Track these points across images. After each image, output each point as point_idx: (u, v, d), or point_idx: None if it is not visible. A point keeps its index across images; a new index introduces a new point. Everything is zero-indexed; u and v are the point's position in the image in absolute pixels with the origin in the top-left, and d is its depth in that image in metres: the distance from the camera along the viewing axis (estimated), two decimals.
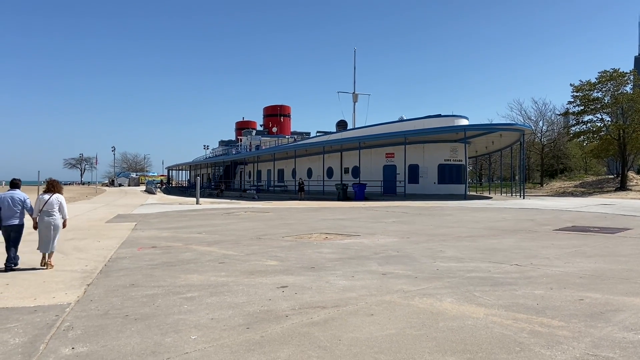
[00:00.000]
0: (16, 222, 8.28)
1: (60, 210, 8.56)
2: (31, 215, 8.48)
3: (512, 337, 4.55)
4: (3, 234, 8.23)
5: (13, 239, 8.23)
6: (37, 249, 8.46)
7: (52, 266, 8.42)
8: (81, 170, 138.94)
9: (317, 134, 51.42)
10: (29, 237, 8.85)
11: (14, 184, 8.60)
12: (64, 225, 8.76)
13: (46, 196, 8.51)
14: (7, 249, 8.19)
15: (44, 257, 8.43)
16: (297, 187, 37.63)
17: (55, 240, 8.53)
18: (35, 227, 8.45)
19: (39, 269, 8.31)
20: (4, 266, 8.14)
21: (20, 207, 8.33)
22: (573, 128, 51.03)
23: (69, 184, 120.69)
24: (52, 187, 8.69)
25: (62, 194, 8.83)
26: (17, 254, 8.30)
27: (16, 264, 8.21)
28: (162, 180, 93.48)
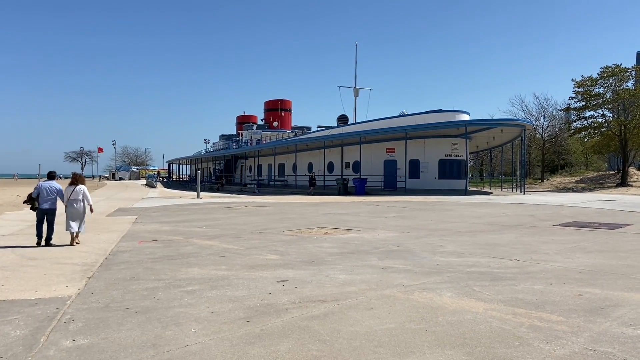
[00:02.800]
0: (50, 207, 10.04)
1: (85, 198, 10.18)
2: (63, 202, 10.14)
3: (511, 332, 4.57)
4: (37, 214, 9.98)
5: (49, 221, 10.02)
6: (66, 230, 10.11)
7: (79, 243, 10.13)
8: (82, 164, 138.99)
9: (318, 129, 51.32)
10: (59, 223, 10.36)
11: (51, 176, 10.52)
12: (91, 210, 10.46)
13: (71, 187, 10.15)
14: (38, 227, 9.95)
15: (71, 237, 10.10)
16: (308, 182, 36.34)
17: (83, 223, 10.23)
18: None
19: (67, 245, 10.02)
20: (44, 242, 9.95)
21: (55, 195, 10.09)
22: (574, 124, 50.92)
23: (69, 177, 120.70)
24: (76, 180, 10.33)
25: (84, 185, 10.45)
26: (53, 234, 10.11)
27: (50, 240, 10.02)
28: (159, 172, 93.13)
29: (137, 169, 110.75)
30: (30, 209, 10.13)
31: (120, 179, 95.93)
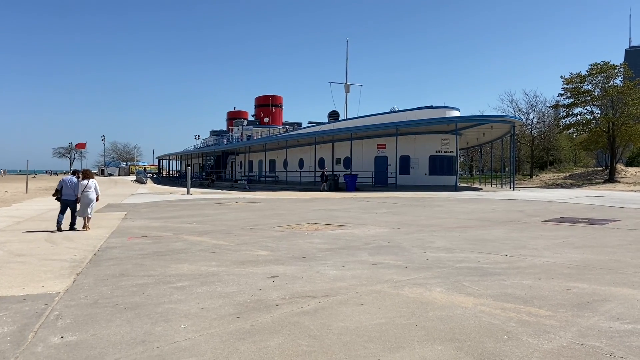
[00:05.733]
0: (72, 198, 12.06)
1: (95, 190, 12.27)
2: (77, 196, 12.11)
3: (500, 326, 4.60)
4: (61, 204, 12.02)
5: (72, 209, 12.09)
6: (78, 215, 12.08)
7: (89, 229, 11.94)
8: (70, 160, 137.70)
9: (309, 125, 51.30)
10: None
11: (73, 173, 12.74)
12: (97, 199, 12.42)
13: (85, 181, 12.21)
14: (61, 214, 11.93)
15: (84, 222, 12.01)
16: (321, 178, 34.54)
17: (91, 210, 12.17)
18: (77, 202, 12.13)
19: (80, 230, 11.85)
20: (68, 227, 11.92)
21: (74, 188, 12.11)
22: (563, 120, 51.25)
23: (57, 173, 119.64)
24: (87, 175, 12.42)
25: (94, 179, 12.56)
26: (65, 221, 12.02)
27: (74, 225, 12.04)
28: (145, 168, 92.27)
29: (126, 164, 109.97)
30: (56, 199, 12.17)
31: (110, 174, 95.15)
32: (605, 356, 3.90)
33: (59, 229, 11.70)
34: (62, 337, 4.39)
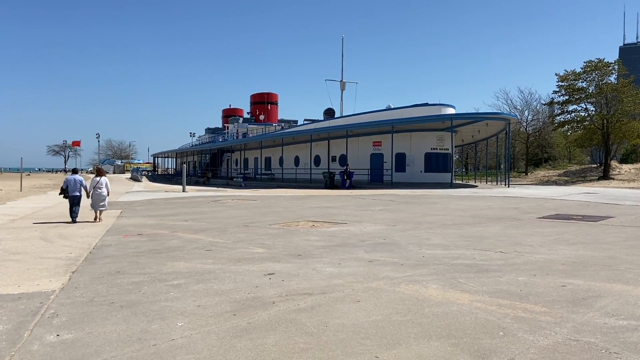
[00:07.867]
0: (77, 193, 13.17)
1: (106, 186, 13.53)
2: (86, 191, 13.35)
3: (496, 323, 4.61)
4: (69, 200, 13.10)
5: (77, 204, 13.16)
6: (90, 210, 13.50)
7: (101, 220, 13.32)
8: (65, 157, 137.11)
9: (305, 122, 51.17)
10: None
11: (75, 171, 14.10)
12: (108, 194, 13.62)
13: (97, 178, 13.49)
14: (71, 209, 13.10)
15: (96, 215, 13.35)
16: (345, 174, 32.75)
17: (104, 203, 13.41)
18: (88, 197, 13.35)
19: (92, 221, 13.21)
20: (70, 219, 13.04)
21: (79, 185, 13.24)
22: (558, 117, 51.40)
23: (51, 171, 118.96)
24: (100, 172, 13.90)
25: (106, 176, 13.81)
26: (79, 213, 13.27)
27: (76, 218, 13.10)
28: (137, 167, 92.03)
29: (121, 162, 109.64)
30: (63, 197, 13.28)
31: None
32: (600, 352, 3.92)
33: (74, 221, 12.96)
34: (57, 335, 4.37)
